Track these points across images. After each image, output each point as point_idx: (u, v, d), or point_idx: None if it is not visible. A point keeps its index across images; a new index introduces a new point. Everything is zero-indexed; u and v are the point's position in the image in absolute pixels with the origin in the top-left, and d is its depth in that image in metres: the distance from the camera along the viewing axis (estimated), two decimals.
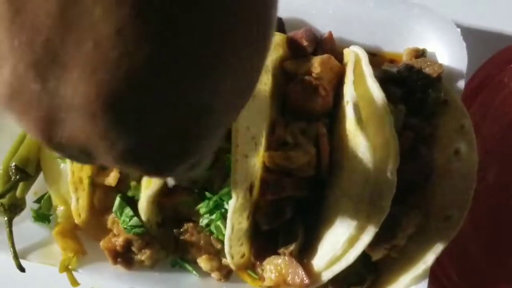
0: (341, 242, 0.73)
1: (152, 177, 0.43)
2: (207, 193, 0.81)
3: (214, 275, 0.83)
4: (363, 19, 0.93)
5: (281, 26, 0.94)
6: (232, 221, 0.74)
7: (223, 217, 0.79)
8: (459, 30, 0.85)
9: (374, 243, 0.73)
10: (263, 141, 0.79)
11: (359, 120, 0.74)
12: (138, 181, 0.82)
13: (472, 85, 0.89)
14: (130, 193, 0.84)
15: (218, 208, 0.80)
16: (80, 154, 0.38)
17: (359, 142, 0.73)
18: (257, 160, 0.78)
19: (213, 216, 0.80)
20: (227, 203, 0.79)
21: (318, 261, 0.76)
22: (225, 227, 0.77)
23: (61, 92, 0.34)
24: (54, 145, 0.37)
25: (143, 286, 0.85)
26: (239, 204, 0.74)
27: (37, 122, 0.36)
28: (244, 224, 0.77)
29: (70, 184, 0.82)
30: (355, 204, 0.72)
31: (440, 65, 0.84)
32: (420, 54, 0.88)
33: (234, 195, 0.73)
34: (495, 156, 0.88)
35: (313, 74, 0.84)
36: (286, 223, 0.79)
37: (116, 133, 0.35)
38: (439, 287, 0.86)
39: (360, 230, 0.72)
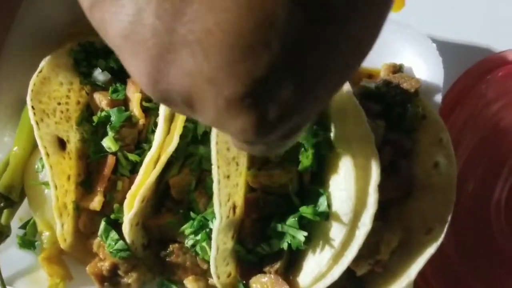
0: (326, 259, 0.74)
1: (246, 141, 0.41)
2: (192, 214, 0.81)
3: None
4: None
5: None
6: (217, 242, 0.75)
7: (208, 237, 0.79)
8: (435, 45, 0.87)
9: (358, 259, 0.74)
10: (244, 161, 0.80)
11: (341, 138, 0.75)
12: (121, 204, 0.82)
13: (449, 98, 0.90)
14: (113, 216, 0.84)
15: (203, 228, 0.80)
16: (182, 105, 0.36)
17: (342, 160, 0.74)
18: (240, 179, 0.78)
19: (198, 237, 0.80)
20: (212, 222, 0.79)
21: (304, 278, 0.77)
22: (210, 247, 0.77)
23: (178, 27, 0.32)
24: (158, 91, 0.35)
25: None
26: (223, 225, 0.74)
27: (147, 62, 0.34)
28: (229, 244, 0.78)
29: (54, 209, 0.81)
30: (339, 220, 0.73)
31: (417, 80, 0.85)
32: (397, 69, 0.89)
33: (217, 216, 0.73)
34: (474, 166, 0.90)
35: None
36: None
37: (226, 74, 0.32)
38: None
39: (344, 246, 0.73)
